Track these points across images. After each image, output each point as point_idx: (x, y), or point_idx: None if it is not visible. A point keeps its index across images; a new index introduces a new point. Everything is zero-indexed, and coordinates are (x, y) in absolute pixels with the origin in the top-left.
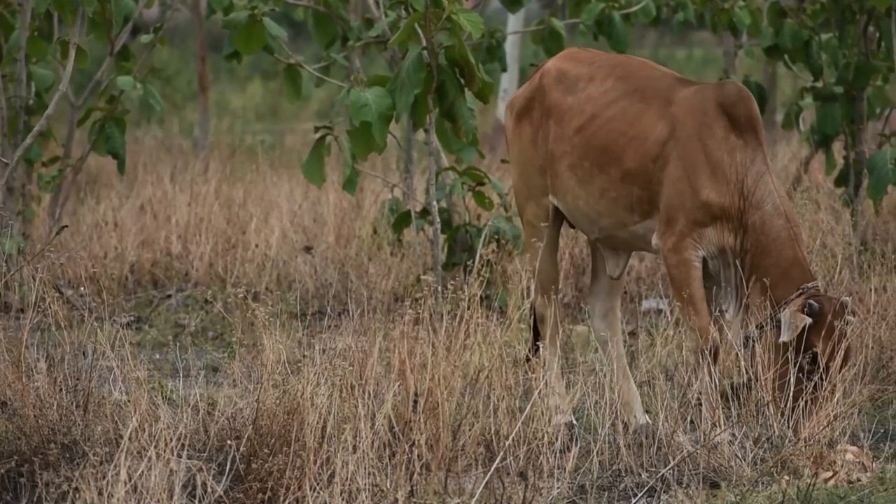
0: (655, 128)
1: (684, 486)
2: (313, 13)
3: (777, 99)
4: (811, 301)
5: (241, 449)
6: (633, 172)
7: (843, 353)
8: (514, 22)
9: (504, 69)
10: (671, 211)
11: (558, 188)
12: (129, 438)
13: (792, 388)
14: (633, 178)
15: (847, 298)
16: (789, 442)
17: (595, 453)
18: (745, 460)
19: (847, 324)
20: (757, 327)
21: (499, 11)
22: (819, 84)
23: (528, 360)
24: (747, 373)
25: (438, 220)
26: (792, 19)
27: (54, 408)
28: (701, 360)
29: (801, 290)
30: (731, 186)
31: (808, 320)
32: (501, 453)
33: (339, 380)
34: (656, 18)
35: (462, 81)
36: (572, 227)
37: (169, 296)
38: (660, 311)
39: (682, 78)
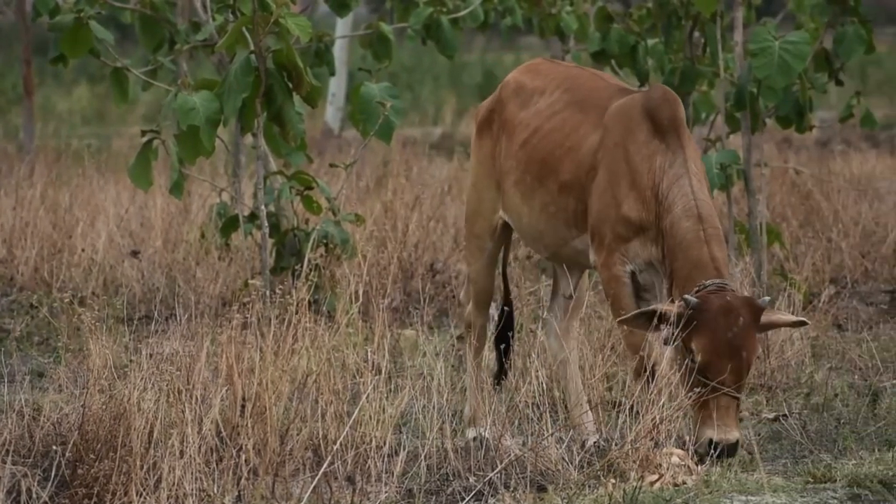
0: (588, 137)
1: (511, 489)
2: (140, 17)
3: None
4: (687, 295)
5: (67, 454)
6: (569, 184)
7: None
8: (342, 26)
9: (332, 73)
10: (599, 224)
11: (507, 205)
12: None
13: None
14: (569, 190)
15: (765, 299)
16: (615, 445)
17: (423, 457)
18: (572, 464)
19: (745, 324)
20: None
21: (327, 15)
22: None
23: (498, 381)
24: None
25: (267, 224)
26: (619, 24)
27: None
28: (637, 381)
29: (698, 287)
30: (647, 196)
31: (665, 308)
32: (329, 458)
33: (167, 384)
34: (484, 23)
35: (290, 85)
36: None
37: None
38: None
39: (626, 88)
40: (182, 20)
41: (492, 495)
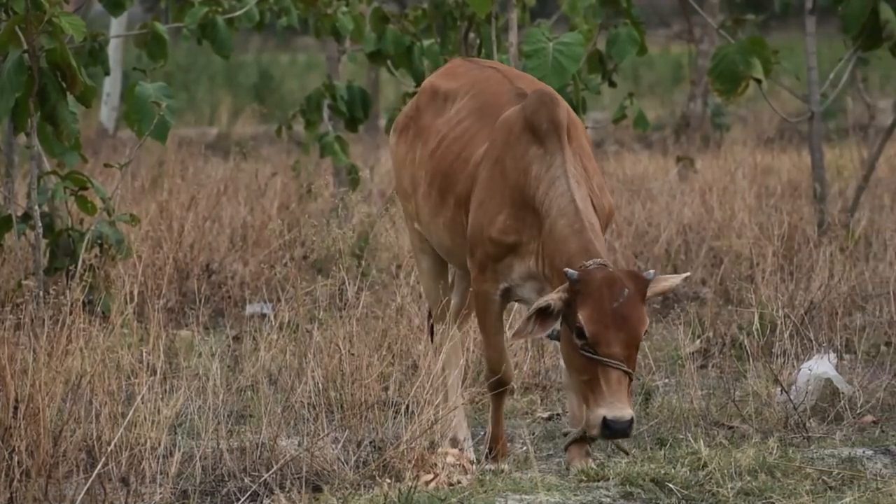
0: (478, 150)
1: (287, 490)
2: None
3: (381, 104)
4: (567, 269)
5: None
6: (462, 199)
7: (622, 322)
8: (116, 25)
9: (107, 73)
10: (472, 239)
11: (420, 218)
12: None
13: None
14: (462, 205)
15: (651, 272)
16: (391, 445)
17: (198, 458)
18: (347, 464)
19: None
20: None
21: (101, 14)
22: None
23: None
24: None
25: (40, 224)
26: (394, 25)
27: None
28: (495, 400)
29: (580, 267)
30: (523, 213)
31: (553, 297)
32: (104, 459)
33: None
34: (260, 23)
35: (64, 85)
36: None
37: None
38: (264, 316)
39: (524, 92)
40: None
41: (267, 496)
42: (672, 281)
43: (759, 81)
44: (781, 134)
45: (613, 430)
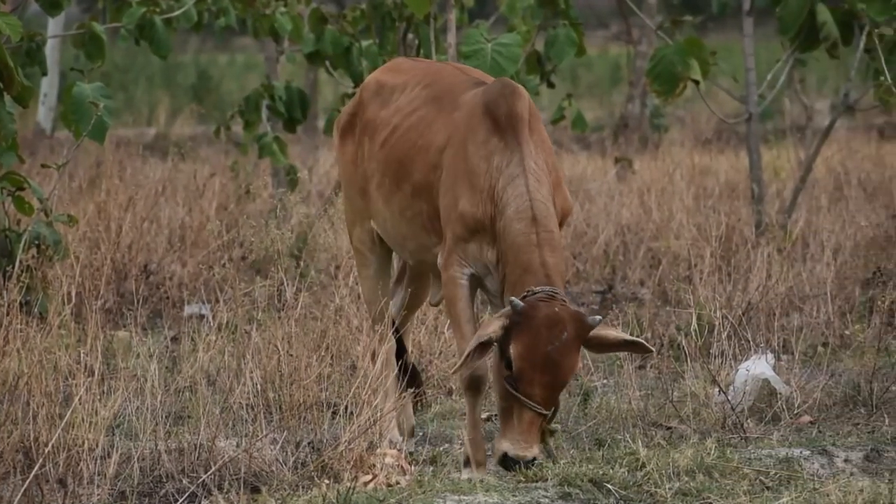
0: (438, 136)
1: (225, 491)
2: None
3: (319, 105)
4: (513, 298)
5: None
6: (420, 186)
7: (551, 366)
8: (53, 25)
9: (45, 73)
10: (443, 224)
11: (373, 211)
12: None
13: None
14: (421, 193)
15: (597, 318)
16: (330, 446)
17: (136, 459)
18: (286, 465)
19: (565, 338)
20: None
21: (38, 14)
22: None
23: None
24: None
25: None
26: (333, 26)
27: None
28: (463, 389)
29: (525, 293)
30: (484, 197)
31: (494, 328)
32: (41, 460)
33: None
34: (198, 23)
35: (1, 85)
36: None
37: None
38: (202, 317)
39: (484, 81)
40: None
41: (205, 497)
42: (619, 337)
43: (696, 82)
44: (719, 135)
45: (513, 465)
